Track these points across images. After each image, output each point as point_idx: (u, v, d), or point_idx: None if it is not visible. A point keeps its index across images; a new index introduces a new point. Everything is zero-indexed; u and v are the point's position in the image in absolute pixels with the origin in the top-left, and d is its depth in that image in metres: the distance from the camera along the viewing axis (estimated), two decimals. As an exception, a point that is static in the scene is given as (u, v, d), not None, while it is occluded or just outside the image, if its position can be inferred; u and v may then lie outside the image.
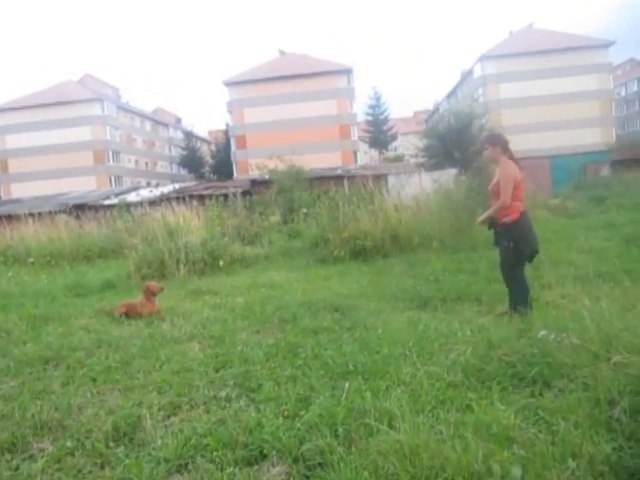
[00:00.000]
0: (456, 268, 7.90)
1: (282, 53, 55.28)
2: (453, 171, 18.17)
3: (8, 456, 2.94)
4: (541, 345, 3.53)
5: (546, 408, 2.82)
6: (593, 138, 44.04)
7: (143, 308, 6.34)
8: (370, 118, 65.72)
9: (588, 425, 2.52)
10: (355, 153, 49.64)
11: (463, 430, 2.57)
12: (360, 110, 61.64)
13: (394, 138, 67.86)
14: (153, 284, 6.79)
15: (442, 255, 9.17)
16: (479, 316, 5.11)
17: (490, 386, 3.21)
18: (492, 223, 5.31)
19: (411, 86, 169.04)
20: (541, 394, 3.04)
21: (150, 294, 6.49)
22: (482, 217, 5.38)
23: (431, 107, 43.52)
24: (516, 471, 2.22)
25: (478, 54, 49.83)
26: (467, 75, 55.30)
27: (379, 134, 65.30)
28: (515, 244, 5.03)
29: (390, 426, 2.71)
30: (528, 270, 7.03)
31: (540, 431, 2.57)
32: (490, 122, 24.72)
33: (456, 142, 21.00)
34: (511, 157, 5.19)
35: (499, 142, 5.24)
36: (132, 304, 6.48)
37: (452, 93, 61.93)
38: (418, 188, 13.03)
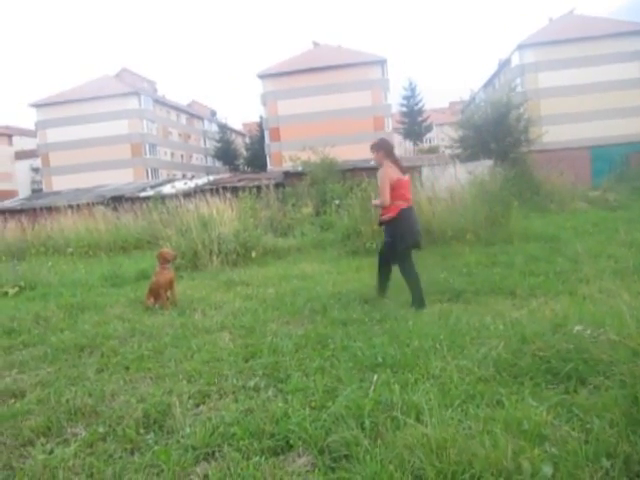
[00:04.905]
0: (490, 261, 7.76)
1: (316, 44, 55.15)
2: (488, 162, 17.78)
3: (43, 440, 3.02)
4: (577, 341, 3.41)
5: (580, 405, 2.73)
6: (636, 128, 42.38)
7: (160, 276, 6.44)
8: (405, 109, 65.08)
9: (624, 424, 2.42)
10: (389, 145, 49.15)
11: (493, 426, 2.51)
12: (395, 101, 61.16)
13: (429, 129, 67.05)
14: (166, 250, 6.94)
15: (476, 248, 9.01)
16: (513, 310, 4.99)
17: (522, 381, 3.14)
18: (379, 220, 5.82)
19: (447, 76, 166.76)
20: (575, 391, 2.95)
21: (164, 261, 6.60)
22: (374, 202, 6.13)
23: (467, 97, 42.63)
24: (547, 469, 2.15)
25: (516, 42, 48.60)
26: (504, 64, 53.96)
27: (414, 125, 64.61)
28: (392, 239, 5.50)
29: (417, 420, 2.68)
30: (566, 264, 6.90)
31: (573, 429, 2.49)
32: (528, 112, 24.03)
33: (492, 133, 20.58)
34: (394, 161, 5.65)
35: (382, 147, 5.74)
36: (153, 282, 6.53)
37: (489, 83, 60.57)
38: (452, 180, 12.77)
